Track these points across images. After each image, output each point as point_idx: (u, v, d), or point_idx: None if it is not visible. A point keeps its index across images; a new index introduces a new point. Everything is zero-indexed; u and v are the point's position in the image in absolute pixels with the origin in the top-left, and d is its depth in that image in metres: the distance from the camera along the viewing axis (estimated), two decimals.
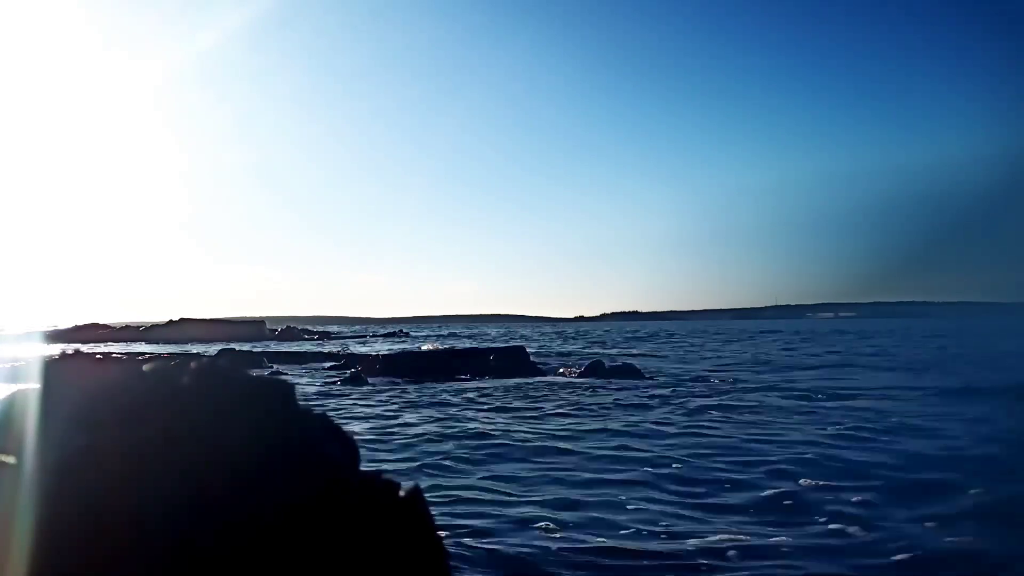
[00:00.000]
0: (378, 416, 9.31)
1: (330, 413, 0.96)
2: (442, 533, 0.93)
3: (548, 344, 32.19)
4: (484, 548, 3.90)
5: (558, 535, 4.14)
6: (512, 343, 23.95)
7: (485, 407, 10.05)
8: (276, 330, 48.59)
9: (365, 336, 50.94)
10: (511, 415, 9.32)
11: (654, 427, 8.01)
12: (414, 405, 10.34)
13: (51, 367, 1.23)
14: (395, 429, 8.15)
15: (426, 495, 0.88)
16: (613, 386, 12.55)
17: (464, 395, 11.45)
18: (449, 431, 7.83)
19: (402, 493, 0.73)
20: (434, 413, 9.45)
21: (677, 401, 10.33)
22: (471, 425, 8.33)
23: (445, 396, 11.37)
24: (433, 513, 0.89)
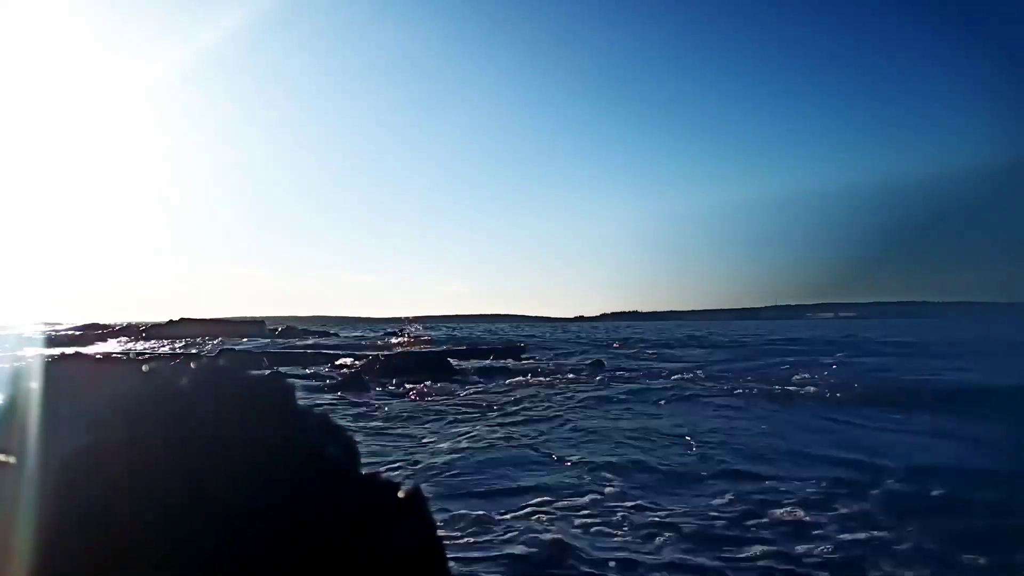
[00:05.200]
0: None
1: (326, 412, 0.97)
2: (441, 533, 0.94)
3: (547, 344, 32.24)
4: None
5: None
6: (511, 343, 24.01)
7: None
8: (276, 330, 48.47)
9: (366, 336, 50.88)
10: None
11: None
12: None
13: (51, 367, 1.23)
14: None
15: None
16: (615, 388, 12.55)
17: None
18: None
19: (401, 494, 0.74)
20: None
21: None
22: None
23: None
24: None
